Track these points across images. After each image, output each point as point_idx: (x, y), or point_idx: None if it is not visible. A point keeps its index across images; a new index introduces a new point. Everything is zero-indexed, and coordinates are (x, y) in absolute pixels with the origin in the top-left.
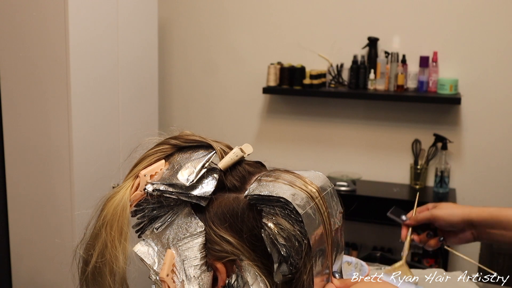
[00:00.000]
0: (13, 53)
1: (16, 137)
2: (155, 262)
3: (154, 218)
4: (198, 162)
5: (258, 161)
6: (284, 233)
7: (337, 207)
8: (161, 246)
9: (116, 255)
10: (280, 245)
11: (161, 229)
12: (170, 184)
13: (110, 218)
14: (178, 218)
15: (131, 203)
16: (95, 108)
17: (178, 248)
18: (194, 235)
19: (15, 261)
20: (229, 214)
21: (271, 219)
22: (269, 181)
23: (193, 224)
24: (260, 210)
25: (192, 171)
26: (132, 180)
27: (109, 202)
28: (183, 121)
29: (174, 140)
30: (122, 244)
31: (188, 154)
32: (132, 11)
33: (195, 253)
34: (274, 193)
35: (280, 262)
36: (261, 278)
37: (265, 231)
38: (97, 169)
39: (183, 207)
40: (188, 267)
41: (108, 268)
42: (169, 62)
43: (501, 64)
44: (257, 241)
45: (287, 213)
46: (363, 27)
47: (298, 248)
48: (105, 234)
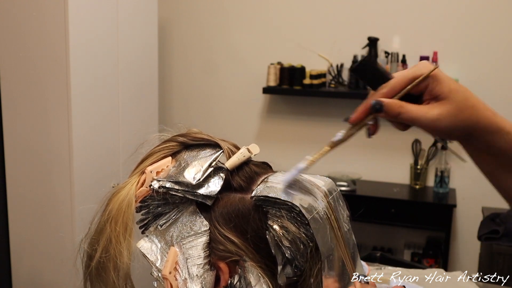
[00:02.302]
0: (13, 53)
1: (16, 137)
2: (158, 259)
3: (158, 215)
4: (205, 160)
5: (265, 161)
6: (289, 236)
7: (344, 211)
8: (164, 243)
9: (121, 251)
10: (284, 247)
11: (165, 226)
12: (176, 181)
13: (115, 214)
14: (183, 216)
15: (136, 199)
16: (95, 108)
17: (182, 246)
18: (198, 234)
19: (15, 261)
20: (235, 214)
21: (277, 221)
22: (276, 183)
23: (198, 223)
24: (266, 211)
25: (199, 169)
26: (138, 176)
27: (115, 197)
28: (183, 121)
29: (181, 138)
30: (127, 240)
31: (195, 152)
32: (132, 11)
33: (199, 252)
34: (281, 196)
35: (284, 264)
36: (264, 279)
37: (270, 233)
38: (97, 169)
39: (188, 205)
40: (191, 266)
41: (112, 263)
42: (169, 62)
43: (501, 64)
44: (261, 243)
45: (293, 216)
46: (363, 27)
47: (304, 251)
48: (110, 230)
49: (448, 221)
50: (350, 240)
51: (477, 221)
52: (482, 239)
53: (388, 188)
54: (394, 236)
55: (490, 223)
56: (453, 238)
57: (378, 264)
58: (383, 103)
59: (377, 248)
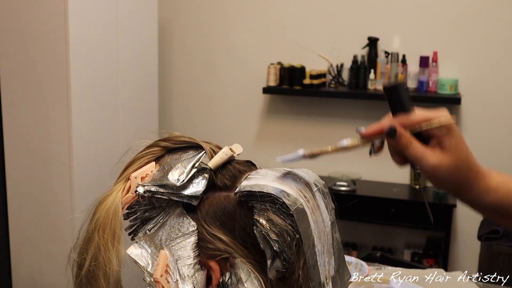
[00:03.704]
0: (13, 53)
1: (16, 137)
2: (149, 264)
3: (146, 220)
4: (188, 162)
5: (248, 160)
6: (276, 229)
7: (329, 203)
8: (154, 247)
9: (110, 258)
10: (272, 241)
11: (153, 230)
12: (161, 185)
13: (103, 221)
14: (170, 219)
15: (122, 205)
16: (95, 108)
17: (171, 248)
18: (186, 235)
19: (15, 261)
20: (221, 213)
21: (263, 215)
22: (258, 177)
23: (185, 224)
24: (251, 206)
25: (182, 171)
26: (123, 183)
27: (101, 205)
28: (183, 121)
29: (164, 142)
30: (115, 247)
31: (178, 155)
32: (132, 11)
33: (188, 252)
34: (264, 189)
35: (273, 258)
36: (254, 274)
37: (257, 228)
38: (97, 169)
39: (175, 207)
40: (182, 266)
41: (101, 271)
42: (169, 62)
43: (501, 64)
44: (249, 238)
45: (277, 208)
46: (363, 27)
47: (290, 243)
48: (98, 238)
49: (448, 221)
50: (334, 232)
51: (477, 221)
52: (482, 239)
53: (388, 188)
54: (394, 236)
55: (490, 223)
56: (453, 238)
57: (378, 264)
58: (397, 131)
59: (377, 248)
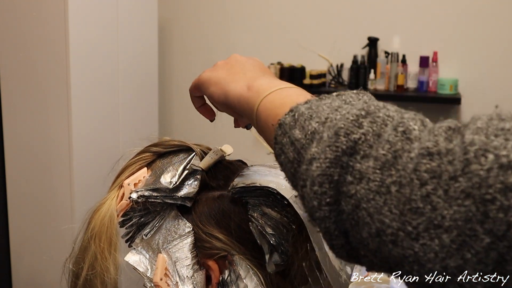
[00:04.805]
0: (13, 53)
1: (16, 137)
2: (148, 269)
3: (142, 225)
4: (180, 164)
5: (239, 159)
6: (271, 223)
7: None
8: (152, 252)
9: (107, 266)
10: (269, 235)
11: (150, 235)
12: (154, 189)
13: (98, 230)
14: (166, 222)
15: (117, 213)
16: (95, 108)
17: (169, 251)
18: (182, 236)
19: (15, 261)
20: (215, 211)
21: (257, 210)
22: (250, 173)
23: (181, 226)
24: (245, 203)
25: (174, 174)
26: (116, 191)
27: (96, 214)
28: (183, 121)
29: (154, 148)
30: (112, 255)
31: (169, 159)
32: (132, 11)
33: (186, 253)
34: (257, 182)
35: (271, 252)
36: (253, 270)
37: (253, 223)
38: (97, 169)
39: (170, 210)
40: (180, 268)
41: (99, 280)
42: (169, 62)
43: (501, 64)
44: (245, 234)
45: (271, 201)
46: (363, 27)
47: (287, 236)
48: (94, 246)
49: None
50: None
51: None
52: None
53: None
54: None
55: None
56: None
57: None
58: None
59: None
